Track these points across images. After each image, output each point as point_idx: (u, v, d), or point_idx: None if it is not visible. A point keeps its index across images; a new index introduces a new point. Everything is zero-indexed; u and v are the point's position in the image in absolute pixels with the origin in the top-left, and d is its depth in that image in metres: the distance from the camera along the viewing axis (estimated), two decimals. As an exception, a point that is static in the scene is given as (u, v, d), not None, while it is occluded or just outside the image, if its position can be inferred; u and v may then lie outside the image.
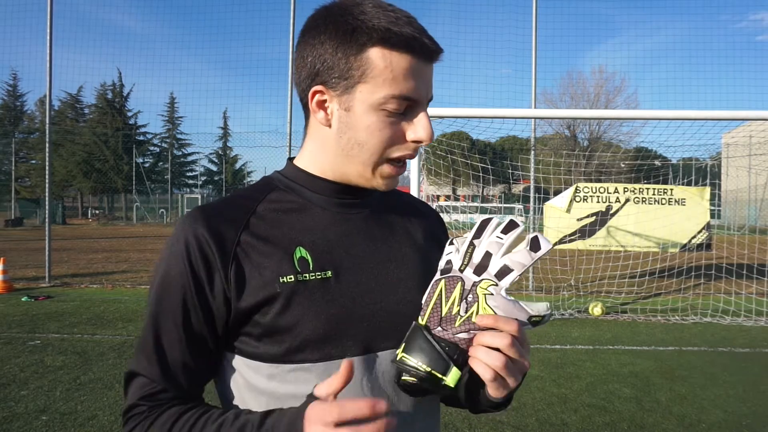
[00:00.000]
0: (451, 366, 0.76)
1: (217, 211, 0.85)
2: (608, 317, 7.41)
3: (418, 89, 0.81)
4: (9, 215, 32.18)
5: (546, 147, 28.54)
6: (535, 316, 0.77)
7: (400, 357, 0.78)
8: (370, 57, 0.79)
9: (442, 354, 0.76)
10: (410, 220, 0.99)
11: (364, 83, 0.80)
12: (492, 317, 0.75)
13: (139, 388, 0.81)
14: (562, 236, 7.79)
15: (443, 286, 0.81)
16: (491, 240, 0.81)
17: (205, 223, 0.82)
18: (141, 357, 0.82)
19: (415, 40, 0.79)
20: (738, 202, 18.69)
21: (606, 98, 35.18)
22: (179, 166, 47.05)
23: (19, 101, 44.39)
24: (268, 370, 0.81)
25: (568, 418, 3.85)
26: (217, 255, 0.80)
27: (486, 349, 0.75)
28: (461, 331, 0.77)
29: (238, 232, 0.83)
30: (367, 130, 0.82)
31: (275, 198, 0.89)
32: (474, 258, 0.81)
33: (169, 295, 0.81)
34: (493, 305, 0.77)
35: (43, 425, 3.52)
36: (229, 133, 49.12)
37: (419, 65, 0.80)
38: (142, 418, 0.79)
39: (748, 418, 3.92)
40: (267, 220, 0.86)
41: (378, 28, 0.78)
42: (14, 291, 8.63)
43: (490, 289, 0.78)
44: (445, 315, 0.79)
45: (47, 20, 9.59)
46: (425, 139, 0.83)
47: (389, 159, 0.85)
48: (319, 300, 0.81)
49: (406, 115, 0.82)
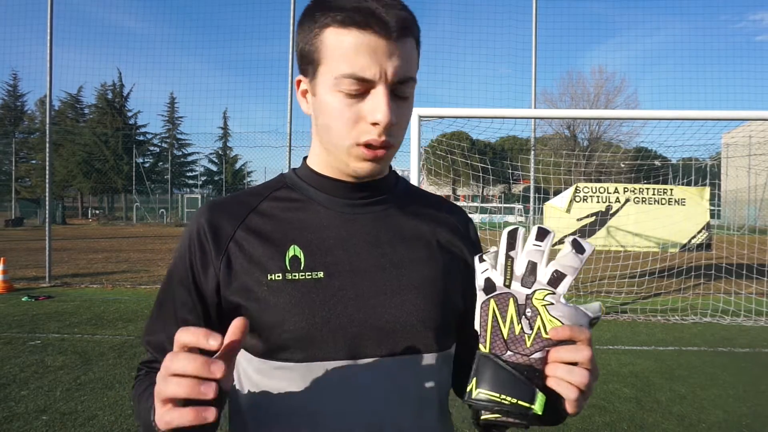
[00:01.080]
0: (537, 391, 0.68)
1: (222, 206, 0.87)
2: (608, 317, 7.41)
3: (371, 67, 0.75)
4: (9, 215, 32.19)
5: (546, 147, 28.53)
6: (594, 318, 0.73)
7: (477, 393, 0.70)
8: (325, 37, 0.77)
9: (522, 380, 0.69)
10: (428, 223, 0.93)
11: (323, 65, 0.78)
12: (567, 328, 0.69)
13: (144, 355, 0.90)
14: (562, 236, 7.78)
15: (494, 306, 0.73)
16: (529, 249, 0.74)
17: (208, 216, 0.85)
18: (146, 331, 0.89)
19: (368, 14, 0.74)
20: (738, 202, 18.68)
21: (606, 98, 35.20)
22: (179, 166, 47.06)
23: (19, 101, 44.40)
24: (257, 363, 0.82)
25: (568, 417, 3.85)
26: (212, 246, 0.83)
27: (566, 366, 0.69)
28: (535, 350, 0.70)
29: (236, 227, 0.84)
30: (329, 113, 0.79)
31: (280, 195, 0.89)
32: (516, 271, 0.74)
33: (171, 281, 0.86)
34: (558, 315, 0.70)
35: (43, 425, 3.52)
36: (229, 133, 49.17)
37: (373, 41, 0.75)
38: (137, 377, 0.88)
39: (748, 418, 3.92)
40: (266, 217, 0.86)
41: (332, 7, 0.76)
42: (14, 291, 8.63)
43: (547, 298, 0.72)
44: (509, 336, 0.71)
45: (47, 20, 9.59)
46: (381, 120, 0.76)
47: (359, 143, 0.79)
48: (306, 300, 0.80)
49: (364, 96, 0.77)
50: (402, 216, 0.91)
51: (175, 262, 0.87)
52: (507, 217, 33.26)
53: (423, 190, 1.01)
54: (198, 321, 0.84)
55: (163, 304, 0.87)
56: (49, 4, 9.57)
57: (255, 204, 0.87)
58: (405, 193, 0.95)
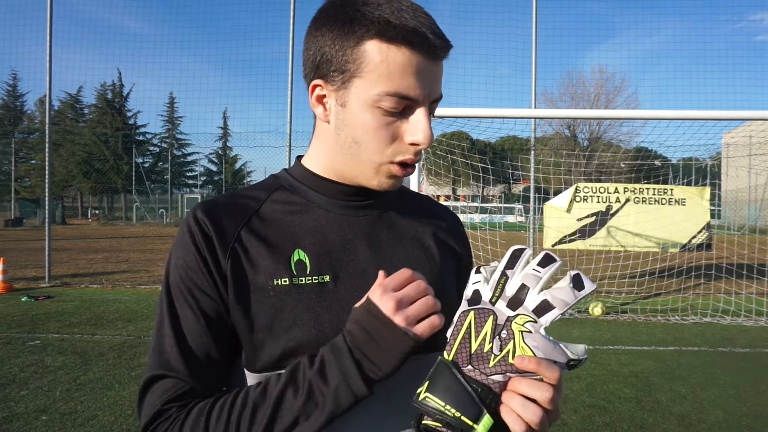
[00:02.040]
0: (484, 413, 0.65)
1: (220, 205, 0.84)
2: (608, 317, 7.41)
3: (417, 87, 0.74)
4: (9, 215, 32.18)
5: (546, 147, 28.54)
6: (574, 359, 0.68)
7: (424, 397, 0.67)
8: (367, 50, 0.74)
9: (474, 397, 0.66)
10: (423, 224, 0.93)
11: (359, 78, 0.75)
12: (535, 361, 0.65)
13: (163, 392, 0.74)
14: (562, 236, 7.79)
15: (472, 318, 0.71)
16: (527, 272, 0.72)
17: (206, 213, 0.81)
18: (161, 357, 0.76)
19: (416, 34, 0.73)
20: (738, 202, 18.67)
21: (606, 98, 35.21)
22: (179, 166, 47.07)
23: (18, 101, 44.42)
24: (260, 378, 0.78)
25: (568, 418, 3.85)
26: (217, 241, 0.79)
27: (522, 399, 0.65)
28: (496, 372, 0.67)
29: (238, 228, 0.81)
30: (362, 128, 0.77)
31: (279, 198, 0.87)
32: (507, 291, 0.72)
33: (180, 288, 0.79)
34: (531, 345, 0.67)
35: (43, 425, 3.52)
36: (229, 133, 49.19)
37: (420, 61, 0.74)
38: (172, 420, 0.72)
39: (748, 418, 3.92)
40: (268, 220, 0.84)
41: (377, 20, 0.73)
42: (14, 291, 8.63)
43: (527, 326, 0.68)
44: (475, 352, 0.69)
45: (47, 20, 9.59)
46: (422, 142, 0.76)
47: (393, 162, 0.79)
48: (314, 305, 0.78)
49: (405, 114, 0.76)
50: (398, 217, 0.91)
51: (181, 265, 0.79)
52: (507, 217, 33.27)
53: (413, 191, 1.01)
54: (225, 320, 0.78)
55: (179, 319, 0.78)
56: (49, 4, 9.57)
57: (255, 207, 0.85)
58: (398, 194, 0.95)
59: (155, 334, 0.78)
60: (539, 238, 8.44)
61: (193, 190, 45.96)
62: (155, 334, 0.78)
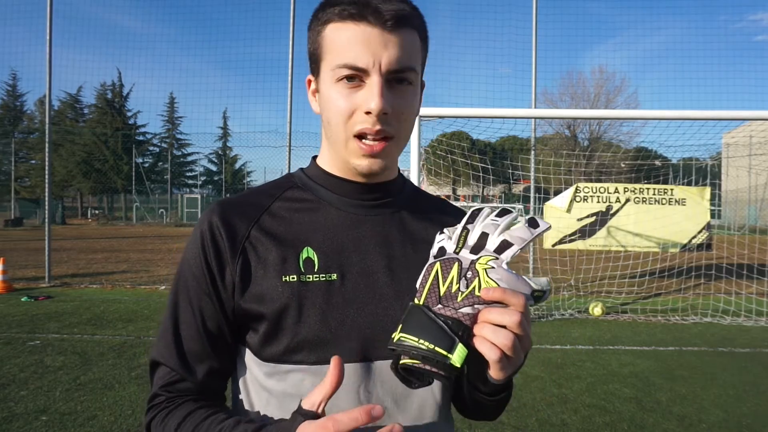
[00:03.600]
0: (457, 342, 0.68)
1: (233, 205, 0.87)
2: (608, 317, 7.41)
3: (364, 56, 0.77)
4: (9, 215, 32.16)
5: (546, 147, 28.53)
6: (538, 290, 0.72)
7: (398, 338, 0.71)
8: (326, 34, 0.81)
9: (445, 329, 0.69)
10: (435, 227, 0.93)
11: (324, 61, 0.81)
12: (499, 290, 0.69)
13: (160, 377, 0.83)
14: (562, 236, 7.79)
15: (439, 267, 0.75)
16: (486, 222, 0.77)
17: (219, 215, 0.84)
18: (161, 345, 0.84)
19: (364, 6, 0.77)
20: (738, 202, 18.68)
21: (606, 98, 35.20)
22: (179, 166, 47.04)
23: (18, 101, 44.39)
24: (267, 367, 0.82)
25: (569, 418, 3.85)
26: (227, 245, 0.82)
27: (493, 326, 0.69)
28: (464, 305, 0.70)
29: (250, 227, 0.84)
30: (328, 105, 0.82)
31: (291, 196, 0.90)
32: (469, 240, 0.77)
33: (186, 285, 0.84)
34: (495, 278, 0.71)
35: (43, 425, 3.51)
36: (229, 133, 49.15)
37: (366, 30, 0.77)
38: (160, 409, 0.82)
39: (748, 418, 3.92)
40: (279, 218, 0.86)
41: (333, 3, 0.80)
42: (14, 291, 8.62)
43: (490, 263, 0.73)
44: (444, 293, 0.72)
45: (47, 20, 9.58)
46: (374, 109, 0.77)
47: (354, 135, 0.80)
48: (321, 303, 0.80)
49: (361, 86, 0.79)
50: (410, 218, 0.92)
51: (188, 263, 0.84)
52: (507, 217, 33.21)
53: (426, 193, 1.03)
54: (221, 327, 0.83)
55: (179, 313, 0.84)
56: (49, 4, 9.56)
57: (267, 204, 0.88)
58: (412, 195, 0.96)
59: (162, 323, 0.86)
60: (539, 238, 8.44)
61: (193, 190, 45.93)
62: (162, 322, 0.86)
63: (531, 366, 4.95)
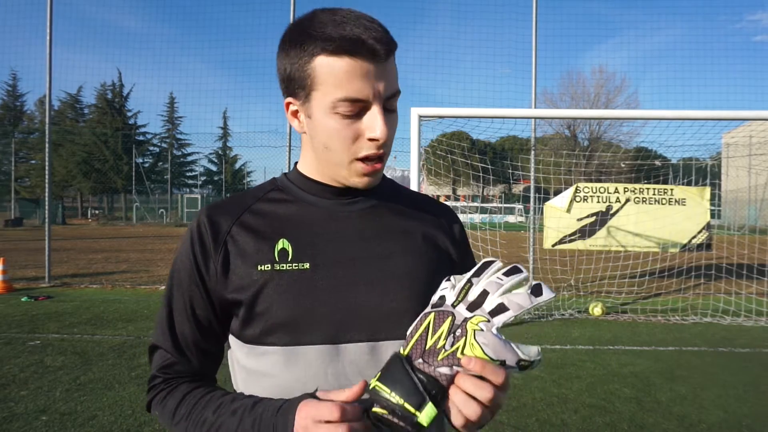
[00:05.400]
0: (427, 401, 0.69)
1: (219, 206, 0.96)
2: (608, 317, 7.41)
3: (364, 89, 0.82)
4: (9, 215, 32.17)
5: (546, 147, 28.53)
6: (524, 360, 0.71)
7: (374, 386, 0.72)
8: (316, 66, 0.83)
9: (418, 387, 0.70)
10: (413, 220, 0.99)
11: (316, 90, 0.85)
12: (480, 364, 0.70)
13: (158, 359, 0.93)
14: (562, 236, 7.78)
15: (432, 319, 0.76)
16: (490, 280, 0.77)
17: (207, 215, 0.93)
18: (158, 331, 0.94)
19: (354, 42, 0.81)
20: (738, 202, 18.69)
21: (606, 98, 35.21)
22: (179, 166, 47.07)
23: (18, 101, 44.42)
24: (247, 349, 0.90)
25: (569, 418, 3.85)
26: (211, 241, 0.91)
27: (465, 396, 0.71)
28: (443, 365, 0.71)
29: (232, 223, 0.92)
30: (327, 133, 0.86)
31: (272, 197, 0.97)
32: (469, 296, 0.76)
33: (179, 277, 0.93)
34: (481, 342, 0.71)
35: (43, 425, 3.51)
36: (229, 133, 49.21)
37: (363, 66, 0.82)
38: (159, 390, 0.91)
39: (748, 418, 3.92)
40: (258, 215, 0.94)
41: (319, 37, 0.82)
42: (14, 291, 8.62)
43: (480, 325, 0.72)
44: (429, 348, 0.73)
45: (47, 20, 9.58)
46: (379, 136, 0.84)
47: (358, 158, 0.87)
48: (292, 289, 0.87)
49: (361, 114, 0.85)
50: (388, 213, 0.98)
51: (180, 258, 0.93)
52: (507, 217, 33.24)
53: (411, 190, 1.08)
54: (208, 315, 0.92)
55: (172, 303, 0.93)
56: (49, 4, 9.56)
57: (249, 204, 0.95)
58: (392, 192, 1.01)
59: (159, 311, 0.95)
60: (539, 238, 8.44)
61: (193, 190, 45.98)
62: (159, 310, 0.95)
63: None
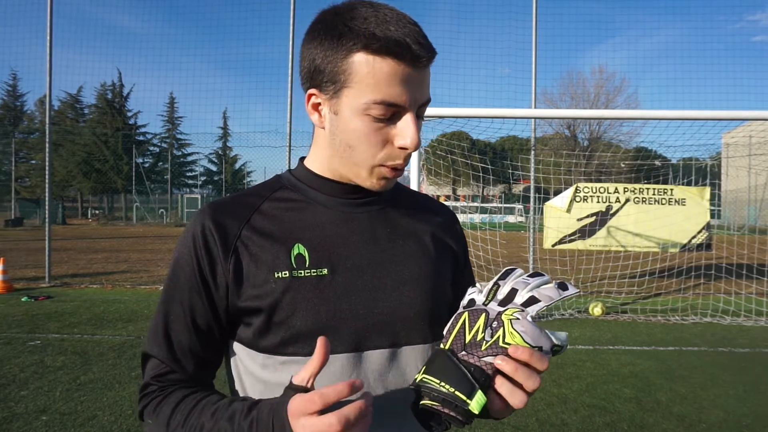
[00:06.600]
0: (477, 389, 0.69)
1: (224, 207, 0.89)
2: (608, 317, 7.41)
3: (403, 95, 0.79)
4: (9, 215, 32.15)
5: (546, 147, 28.55)
6: (557, 345, 0.74)
7: (420, 379, 0.72)
8: (354, 62, 0.79)
9: (467, 375, 0.70)
10: (420, 221, 0.98)
11: (349, 88, 0.80)
12: (528, 352, 0.71)
13: (151, 368, 0.87)
14: (562, 236, 7.79)
15: (467, 317, 0.77)
16: (517, 280, 0.79)
17: (211, 217, 0.87)
18: (152, 340, 0.87)
19: (400, 45, 0.77)
20: (738, 202, 18.69)
21: (606, 98, 35.23)
22: (179, 166, 47.05)
23: (19, 101, 44.40)
24: (261, 359, 0.85)
25: (569, 418, 3.85)
26: (219, 247, 0.85)
27: (511, 386, 0.71)
28: (488, 354, 0.72)
29: (241, 226, 0.87)
30: (354, 134, 0.82)
31: (280, 196, 0.92)
32: (498, 295, 0.78)
33: (177, 283, 0.87)
34: (519, 329, 0.72)
35: (43, 425, 3.52)
36: (229, 133, 49.17)
37: (405, 70, 0.78)
38: (153, 397, 0.85)
39: (748, 418, 3.92)
40: (269, 217, 0.89)
41: (363, 33, 0.77)
42: (14, 291, 8.62)
43: (515, 315, 0.74)
44: (470, 341, 0.74)
45: (47, 20, 9.58)
46: (410, 146, 0.81)
47: (382, 164, 0.84)
48: (312, 296, 0.83)
49: (393, 120, 0.81)
50: (396, 214, 0.96)
51: (180, 264, 0.87)
52: (507, 217, 33.25)
53: (411, 189, 1.06)
54: (210, 324, 0.87)
55: (170, 311, 0.87)
56: (49, 4, 9.56)
57: (257, 204, 0.90)
58: (396, 192, 1.00)
59: (154, 317, 0.89)
60: (539, 238, 8.44)
61: (193, 190, 45.95)
62: (154, 316, 0.89)
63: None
